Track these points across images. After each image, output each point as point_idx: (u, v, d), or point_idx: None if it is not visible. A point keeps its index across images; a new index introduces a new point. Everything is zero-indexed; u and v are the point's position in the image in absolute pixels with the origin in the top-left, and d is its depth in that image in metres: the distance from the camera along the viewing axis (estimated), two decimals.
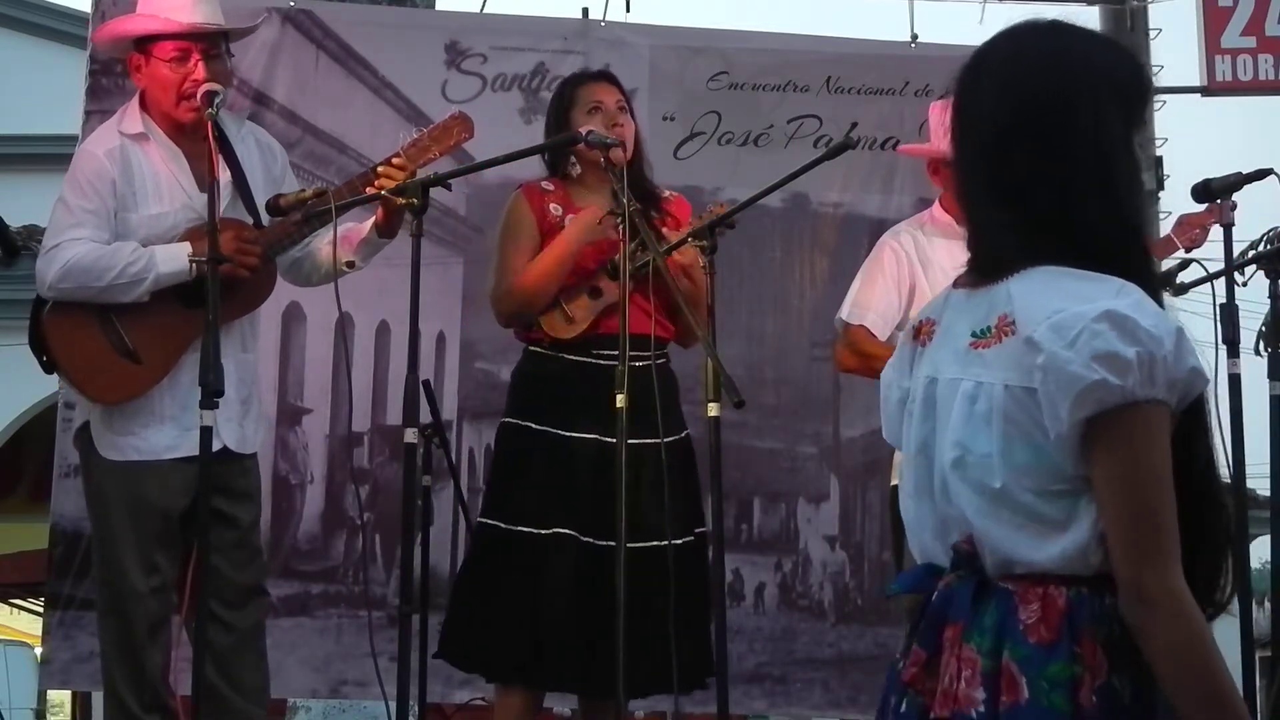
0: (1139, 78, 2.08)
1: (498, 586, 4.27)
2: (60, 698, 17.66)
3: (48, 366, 4.20)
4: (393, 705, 3.88)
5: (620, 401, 3.84)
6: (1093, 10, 7.49)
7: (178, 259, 4.10)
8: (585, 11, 5.99)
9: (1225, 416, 4.23)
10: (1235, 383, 4.31)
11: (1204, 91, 7.91)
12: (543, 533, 4.22)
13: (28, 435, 11.58)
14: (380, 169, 4.19)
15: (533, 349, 4.44)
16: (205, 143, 4.02)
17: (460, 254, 5.75)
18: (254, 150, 4.34)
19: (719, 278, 4.17)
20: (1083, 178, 1.99)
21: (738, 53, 5.98)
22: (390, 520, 5.36)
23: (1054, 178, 1.99)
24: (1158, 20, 7.81)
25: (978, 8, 6.82)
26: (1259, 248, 4.96)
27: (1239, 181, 4.47)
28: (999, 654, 1.92)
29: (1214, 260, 4.62)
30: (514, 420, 4.39)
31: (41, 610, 7.36)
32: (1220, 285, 4.46)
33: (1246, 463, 4.39)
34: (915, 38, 6.20)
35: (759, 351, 5.89)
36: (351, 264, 4.25)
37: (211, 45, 4.21)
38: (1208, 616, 1.96)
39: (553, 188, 4.49)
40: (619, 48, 5.84)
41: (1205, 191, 4.49)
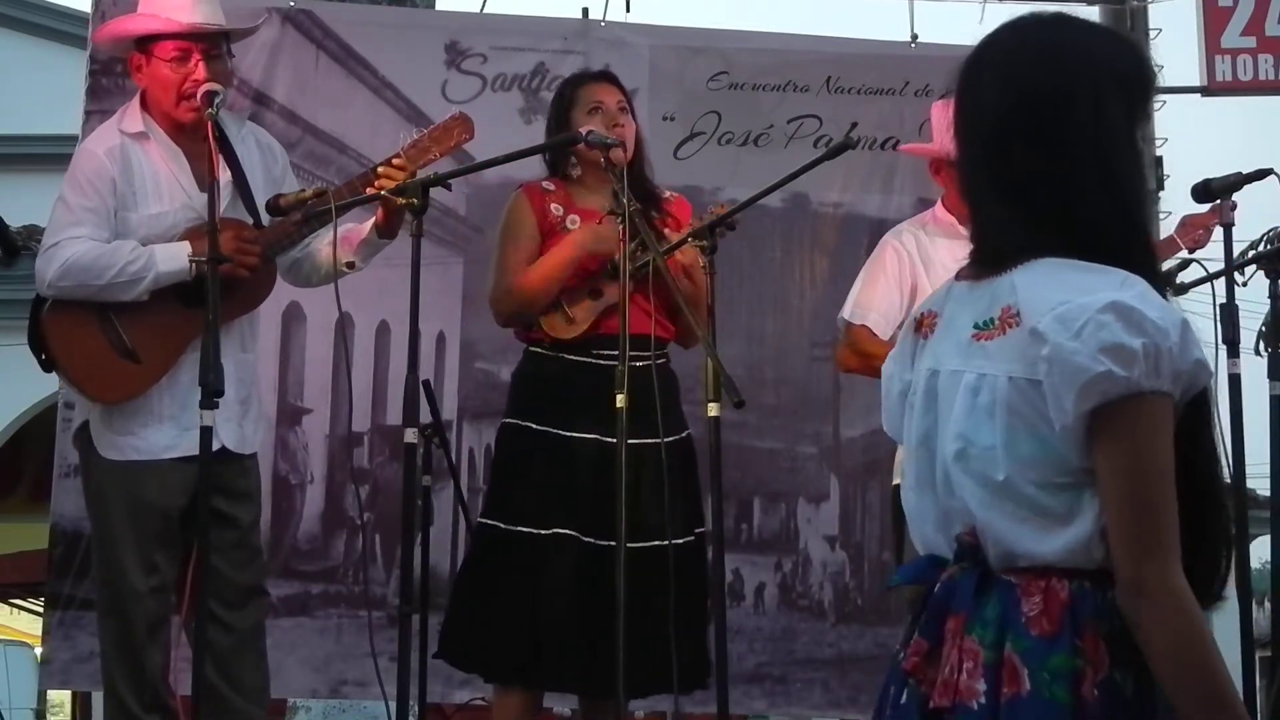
0: (1141, 70, 2.07)
1: (497, 586, 4.26)
2: (60, 698, 17.66)
3: (46, 365, 4.20)
4: (393, 705, 3.88)
5: (620, 401, 3.84)
6: (1092, 10, 7.49)
7: (177, 258, 4.10)
8: (585, 11, 5.98)
9: (1225, 416, 4.23)
10: (1235, 383, 4.31)
11: (1204, 91, 7.90)
12: (543, 533, 4.22)
13: (28, 435, 11.58)
14: (380, 169, 4.19)
15: (533, 349, 4.44)
16: (205, 142, 4.02)
17: (460, 254, 5.75)
18: (254, 150, 4.34)
19: (719, 278, 4.18)
20: (1084, 170, 1.99)
21: (738, 53, 5.98)
22: (390, 520, 5.36)
23: (1055, 171, 1.99)
24: (1158, 20, 7.81)
25: (978, 8, 6.81)
26: (1259, 248, 4.96)
27: (1239, 181, 4.46)
28: (1001, 646, 1.92)
29: (1214, 260, 4.63)
30: (514, 421, 4.39)
31: (41, 610, 7.36)
32: (1220, 285, 4.46)
33: (1246, 463, 4.39)
34: (915, 38, 6.19)
35: (759, 351, 5.89)
36: (351, 265, 4.25)
37: (212, 45, 4.22)
38: (1204, 608, 1.96)
39: (553, 188, 4.48)
40: (619, 48, 5.84)
41: (1205, 191, 4.48)
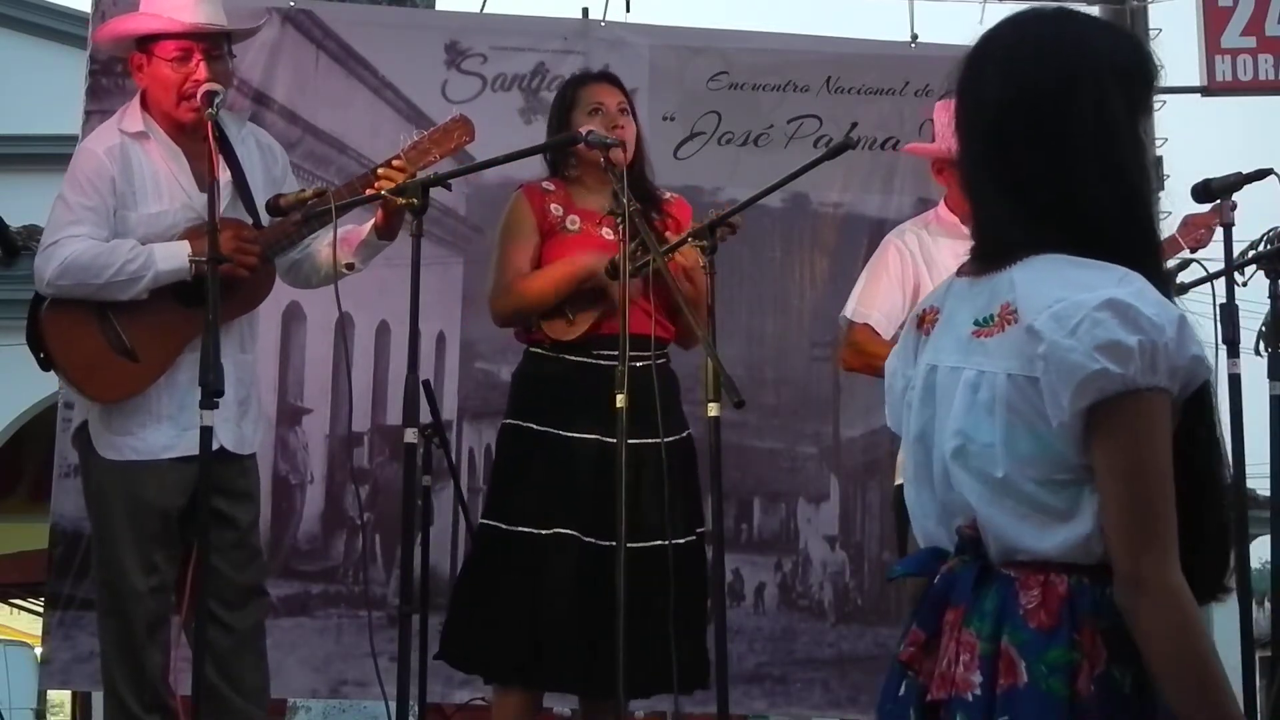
0: (1143, 64, 2.06)
1: (498, 587, 4.26)
2: (60, 698, 17.67)
3: (45, 364, 4.20)
4: (393, 705, 3.88)
5: (620, 401, 3.84)
6: (1092, 10, 7.50)
7: (177, 257, 4.10)
8: (585, 11, 5.98)
9: (1225, 416, 4.23)
10: (1235, 383, 4.31)
11: (1204, 91, 7.91)
12: (543, 533, 4.22)
13: (28, 435, 11.58)
14: (380, 170, 4.19)
15: (533, 350, 4.44)
16: (205, 142, 4.02)
17: (460, 254, 5.75)
18: (254, 151, 4.34)
19: (719, 278, 4.17)
20: (1086, 165, 1.98)
21: (738, 53, 5.97)
22: (390, 520, 5.36)
23: (1057, 165, 1.99)
24: (1158, 20, 7.82)
25: (978, 8, 6.82)
26: (1259, 248, 4.96)
27: (1239, 181, 4.46)
28: (998, 638, 1.92)
29: (1214, 260, 4.63)
30: (514, 421, 4.39)
31: (41, 610, 7.36)
32: (1220, 285, 4.46)
33: (1246, 463, 4.39)
34: (915, 38, 6.19)
35: (759, 351, 5.89)
36: (351, 266, 4.25)
37: (213, 45, 4.22)
38: (1203, 603, 1.96)
39: (554, 188, 4.48)
40: (619, 48, 5.83)
41: (1205, 191, 4.48)
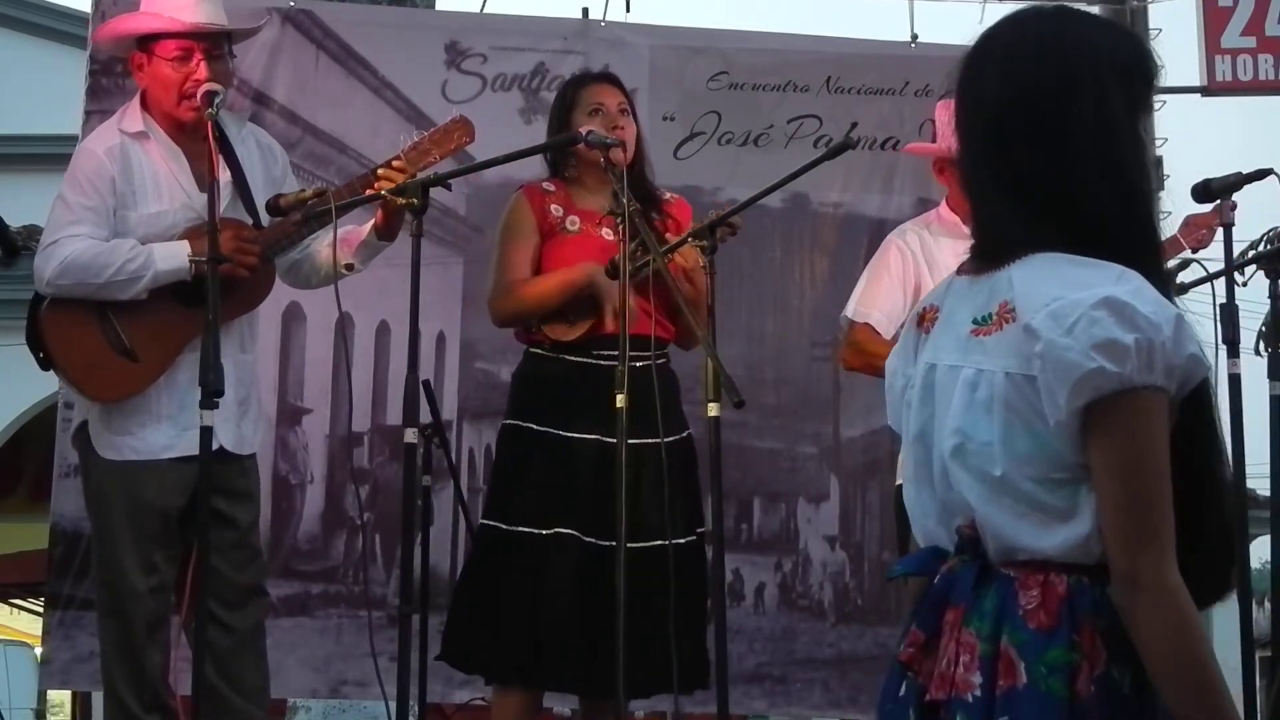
0: (1143, 62, 2.06)
1: (498, 587, 4.26)
2: (60, 698, 17.67)
3: (44, 363, 4.19)
4: (393, 705, 3.88)
5: (620, 401, 3.84)
6: (1092, 9, 7.49)
7: (176, 257, 4.10)
8: (585, 11, 5.98)
9: (1225, 416, 4.23)
10: (1235, 383, 4.31)
11: (1204, 91, 7.92)
12: (543, 533, 4.22)
13: (28, 435, 11.58)
14: (380, 171, 4.19)
15: (533, 350, 4.44)
16: (205, 142, 4.02)
17: (460, 254, 5.74)
18: (254, 151, 4.34)
19: (719, 278, 4.17)
20: (1085, 162, 1.98)
21: (738, 53, 5.97)
22: (390, 520, 5.36)
23: (1057, 163, 1.99)
24: (1158, 20, 7.82)
25: (978, 8, 6.81)
26: (1259, 248, 4.96)
27: (1239, 181, 4.46)
28: (997, 638, 1.92)
29: (1214, 260, 4.63)
30: (514, 422, 4.39)
31: (41, 610, 7.36)
32: (1220, 285, 4.46)
33: (1246, 463, 4.39)
34: (915, 38, 6.19)
35: (759, 351, 5.89)
36: (350, 266, 4.25)
37: (214, 45, 4.21)
38: (1208, 603, 1.96)
39: (554, 188, 4.48)
40: (619, 48, 5.83)
41: (1205, 191, 4.48)
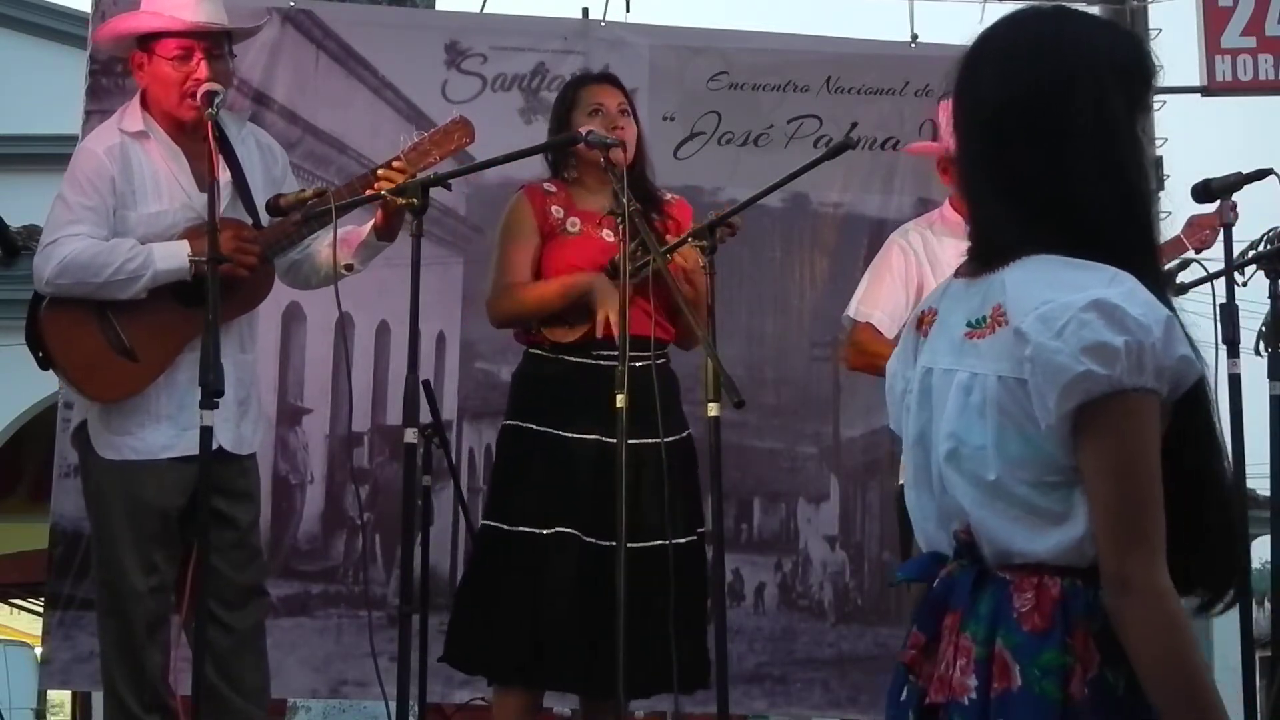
0: (1142, 61, 2.06)
1: (499, 587, 4.26)
2: (60, 698, 17.67)
3: (44, 363, 4.19)
4: (393, 705, 3.88)
5: (620, 401, 3.84)
6: (1092, 10, 7.49)
7: (176, 257, 4.10)
8: (585, 11, 5.98)
9: (1225, 416, 4.23)
10: (1235, 383, 4.30)
11: (1204, 91, 7.92)
12: (544, 533, 4.22)
13: (28, 435, 11.58)
14: (380, 171, 4.19)
15: (533, 351, 4.44)
16: (205, 142, 4.02)
17: (460, 254, 5.74)
18: (254, 151, 4.34)
19: (719, 278, 4.17)
20: (1084, 163, 1.97)
21: (738, 53, 5.97)
22: (390, 520, 5.36)
23: (1055, 163, 1.98)
24: (1158, 20, 7.82)
25: (978, 8, 6.82)
26: (1259, 248, 4.96)
27: (1239, 181, 4.46)
28: (992, 642, 1.92)
29: (1214, 260, 4.63)
30: (514, 422, 4.39)
31: (41, 610, 7.36)
32: (1220, 285, 4.46)
33: (1246, 463, 4.39)
34: (915, 38, 6.19)
35: (759, 351, 5.89)
36: (350, 267, 4.25)
37: (215, 45, 4.21)
38: (1218, 608, 1.95)
39: (555, 189, 4.48)
40: (619, 48, 5.83)
41: (1205, 191, 4.48)
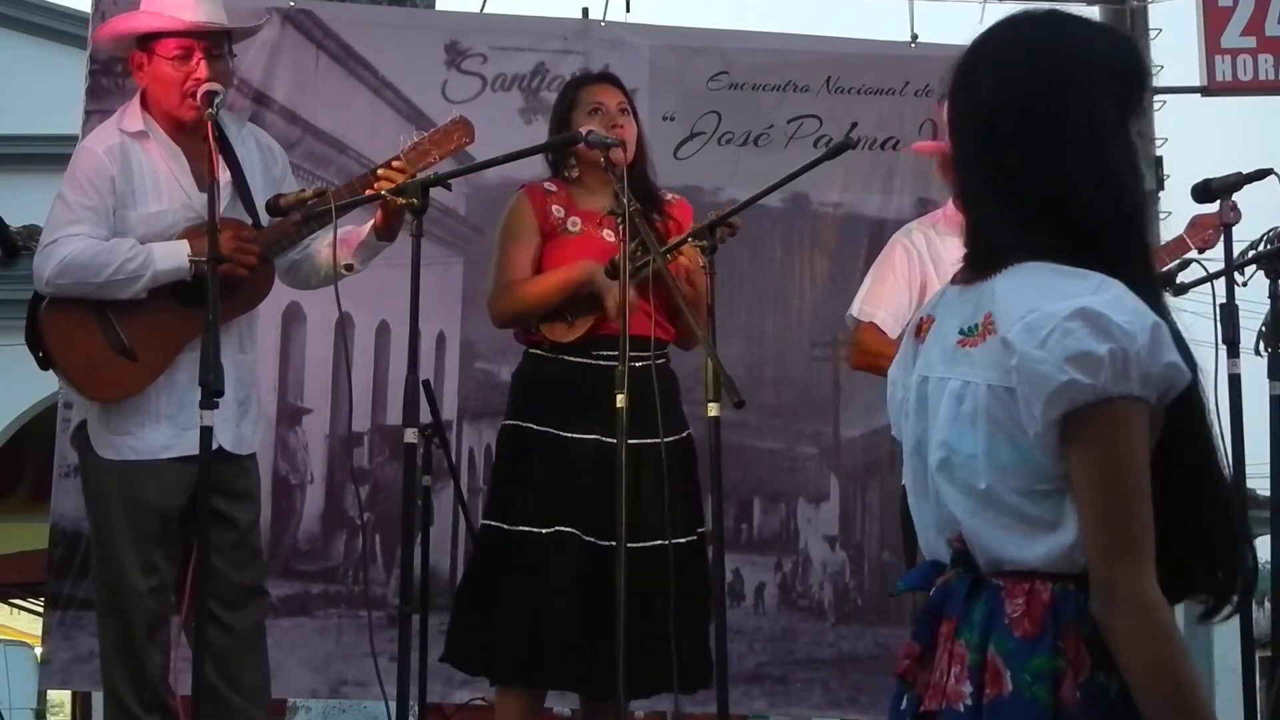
0: (1136, 65, 2.06)
1: (499, 586, 4.27)
2: (60, 698, 17.67)
3: (44, 363, 4.19)
4: (393, 705, 3.88)
5: (620, 401, 3.84)
6: (1093, 10, 7.50)
7: (176, 256, 4.10)
8: (585, 11, 5.98)
9: (1225, 416, 4.23)
10: (1235, 383, 4.31)
11: (1204, 91, 7.91)
12: (543, 532, 4.22)
13: (28, 435, 11.58)
14: (380, 171, 4.19)
15: (532, 351, 4.44)
16: (205, 142, 4.02)
17: (460, 254, 5.74)
18: (254, 151, 4.34)
19: (719, 278, 4.17)
20: (1078, 168, 1.97)
21: (738, 53, 5.97)
22: (390, 520, 5.36)
23: (1049, 168, 1.98)
24: (1158, 20, 7.82)
25: (978, 8, 6.83)
26: (1259, 248, 4.96)
27: (1239, 181, 4.46)
28: (985, 648, 1.93)
29: (1214, 260, 4.63)
30: (514, 422, 4.39)
31: (41, 610, 7.36)
32: (1220, 285, 4.46)
33: (1246, 463, 4.39)
34: (915, 38, 6.19)
35: (759, 351, 5.89)
36: (350, 267, 4.25)
37: (214, 44, 4.21)
38: (1226, 613, 1.95)
39: (555, 189, 4.48)
40: (619, 48, 5.83)
41: (1205, 191, 4.48)
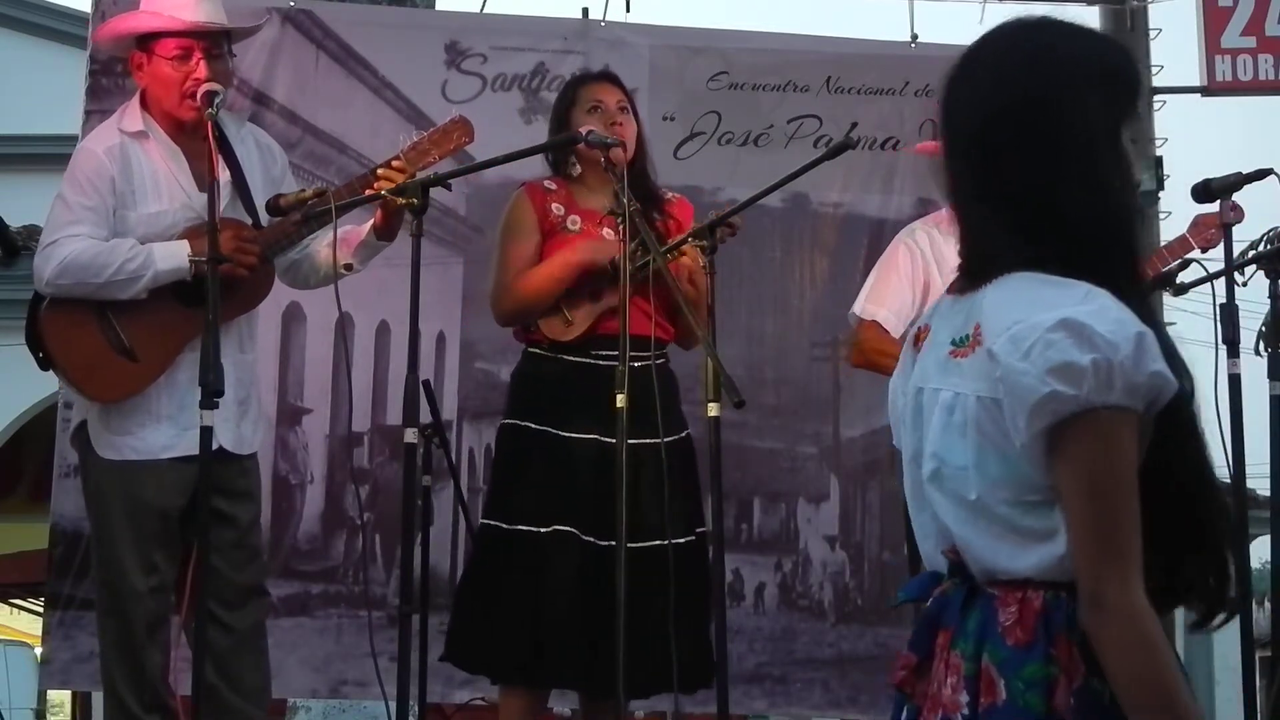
0: (1128, 71, 2.05)
1: (500, 586, 4.27)
2: (60, 698, 17.68)
3: (44, 363, 4.20)
4: (393, 705, 3.88)
5: (620, 401, 3.84)
6: (1093, 10, 7.51)
7: (176, 256, 4.10)
8: (585, 11, 5.98)
9: (1225, 416, 4.23)
10: (1235, 383, 4.31)
11: (1204, 91, 7.92)
12: (543, 531, 4.22)
13: (28, 435, 11.58)
14: (380, 171, 4.19)
15: (532, 350, 4.44)
16: (205, 142, 4.02)
17: (460, 254, 5.74)
18: (253, 151, 4.34)
19: (719, 278, 4.17)
20: (1070, 175, 1.97)
21: (738, 53, 5.97)
22: (390, 520, 5.36)
23: (1042, 175, 1.97)
24: (1158, 20, 7.83)
25: (978, 8, 6.84)
26: (1259, 248, 4.96)
27: (1239, 181, 4.46)
28: (979, 658, 1.93)
29: (1214, 260, 4.63)
30: (513, 421, 4.39)
31: (41, 610, 7.36)
32: (1220, 285, 4.46)
33: (1246, 463, 4.38)
34: (915, 38, 6.19)
35: (759, 351, 5.89)
36: (349, 266, 4.25)
37: (214, 44, 4.21)
38: (1218, 620, 1.95)
39: (555, 187, 4.48)
40: (619, 48, 5.83)
41: (1205, 192, 4.48)
